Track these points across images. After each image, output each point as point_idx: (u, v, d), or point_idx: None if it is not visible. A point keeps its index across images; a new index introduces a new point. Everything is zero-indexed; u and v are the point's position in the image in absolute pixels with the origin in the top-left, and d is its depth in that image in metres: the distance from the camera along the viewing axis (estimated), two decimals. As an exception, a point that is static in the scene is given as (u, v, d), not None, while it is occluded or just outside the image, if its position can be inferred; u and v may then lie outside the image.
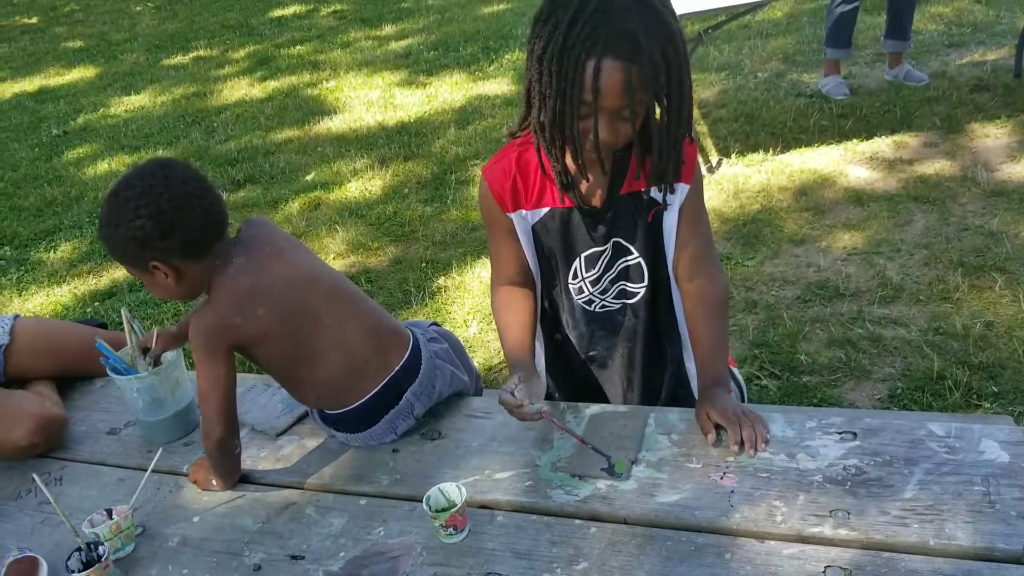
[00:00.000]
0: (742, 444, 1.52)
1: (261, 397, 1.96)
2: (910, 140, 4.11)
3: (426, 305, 3.55)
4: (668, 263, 1.69)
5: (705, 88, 5.11)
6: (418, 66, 6.44)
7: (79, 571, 1.50)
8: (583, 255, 1.67)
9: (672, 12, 1.41)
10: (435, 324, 1.95)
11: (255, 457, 1.80)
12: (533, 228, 1.66)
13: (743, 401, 2.04)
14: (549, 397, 1.88)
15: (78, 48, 8.66)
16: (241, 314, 1.60)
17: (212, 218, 1.59)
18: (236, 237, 1.67)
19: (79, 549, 1.53)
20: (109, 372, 1.85)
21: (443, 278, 3.71)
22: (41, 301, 4.09)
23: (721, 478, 1.49)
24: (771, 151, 4.21)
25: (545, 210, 1.64)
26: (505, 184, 1.62)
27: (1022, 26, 4.60)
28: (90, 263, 4.37)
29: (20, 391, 2.01)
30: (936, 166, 3.85)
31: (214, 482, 1.72)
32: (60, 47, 8.89)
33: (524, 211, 1.65)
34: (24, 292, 4.20)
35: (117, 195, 1.55)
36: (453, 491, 1.50)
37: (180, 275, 1.59)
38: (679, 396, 1.81)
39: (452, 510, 1.46)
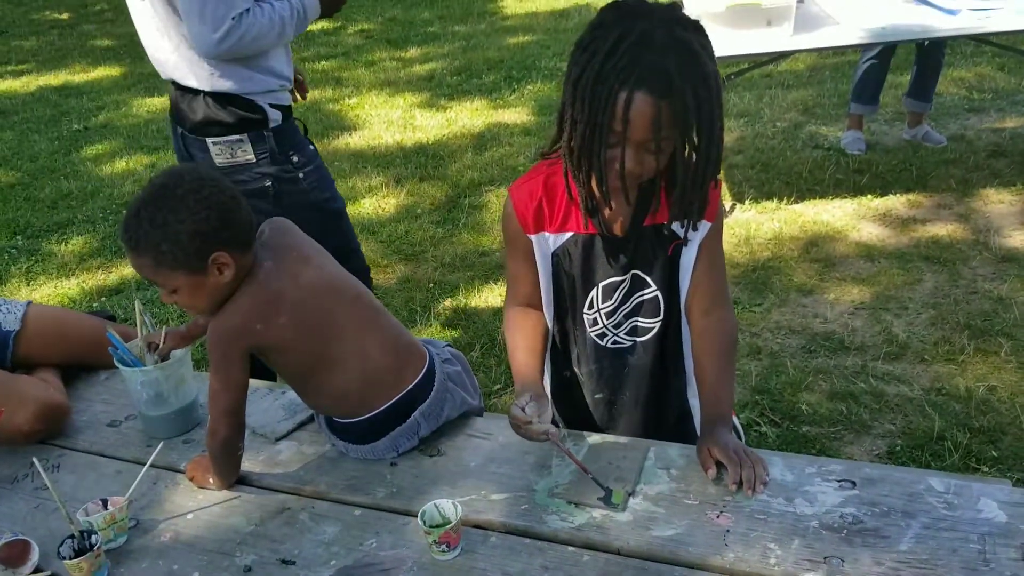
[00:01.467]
0: (740, 484, 1.52)
1: (264, 401, 1.96)
2: (924, 200, 4.14)
3: (431, 326, 3.56)
4: (682, 299, 1.70)
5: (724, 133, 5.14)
6: (440, 90, 6.50)
7: (70, 558, 1.50)
8: (601, 284, 1.68)
9: (711, 55, 1.44)
10: (449, 345, 1.95)
11: (253, 460, 1.79)
12: (555, 253, 1.68)
13: (741, 444, 2.04)
14: None
15: (105, 47, 8.75)
16: (263, 320, 1.60)
17: (251, 215, 1.61)
18: (260, 239, 1.68)
19: (72, 536, 1.53)
20: (116, 363, 1.85)
21: (450, 300, 3.73)
22: (49, 292, 4.11)
23: (717, 516, 1.48)
24: (785, 200, 4.24)
25: (568, 235, 1.65)
26: (530, 205, 1.64)
27: (1042, 96, 4.65)
28: (100, 258, 4.39)
29: (24, 376, 2.01)
30: (948, 228, 3.87)
31: (211, 481, 1.72)
32: (88, 44, 8.98)
33: (547, 234, 1.66)
34: (32, 282, 4.22)
35: (170, 192, 1.52)
36: (448, 508, 1.50)
37: (238, 267, 1.58)
38: (681, 431, 1.81)
39: (446, 527, 1.46)
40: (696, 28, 1.43)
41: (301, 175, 2.47)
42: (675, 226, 1.62)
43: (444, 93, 6.41)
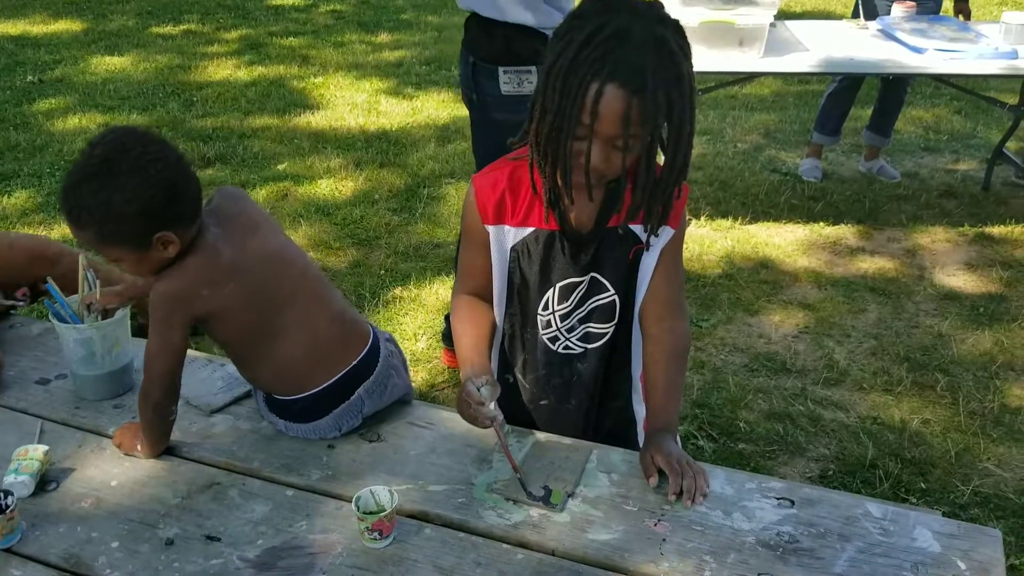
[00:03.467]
0: (680, 494, 1.51)
1: (202, 371, 1.91)
2: (874, 232, 4.20)
3: (378, 313, 3.51)
4: (636, 304, 1.69)
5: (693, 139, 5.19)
6: (408, 78, 6.44)
7: (-17, 518, 1.44)
8: (559, 284, 1.65)
9: (688, 56, 1.42)
10: (388, 336, 1.92)
11: (185, 431, 1.74)
12: (514, 248, 1.65)
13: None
14: None
15: (69, 0, 8.50)
16: (210, 286, 1.56)
17: (198, 184, 1.57)
18: (208, 206, 1.64)
19: (-13, 495, 1.47)
20: (51, 317, 1.79)
21: (400, 289, 3.68)
22: (-16, 244, 3.97)
23: (655, 524, 1.48)
24: (739, 220, 4.27)
25: (530, 230, 1.62)
26: (492, 196, 1.61)
27: (997, 142, 4.76)
28: (43, 214, 4.26)
29: None
30: (896, 261, 3.94)
31: (139, 448, 1.66)
32: (50, -5, 8.74)
33: (507, 227, 1.63)
34: (-32, 231, 4.07)
35: (115, 168, 1.47)
36: (384, 495, 1.46)
37: (183, 240, 1.54)
38: (624, 437, 1.79)
39: (381, 514, 1.43)
40: (676, 28, 1.42)
41: None
42: (638, 230, 1.61)
43: (411, 82, 6.35)
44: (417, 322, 3.44)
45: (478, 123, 2.85)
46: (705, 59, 3.85)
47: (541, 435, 1.70)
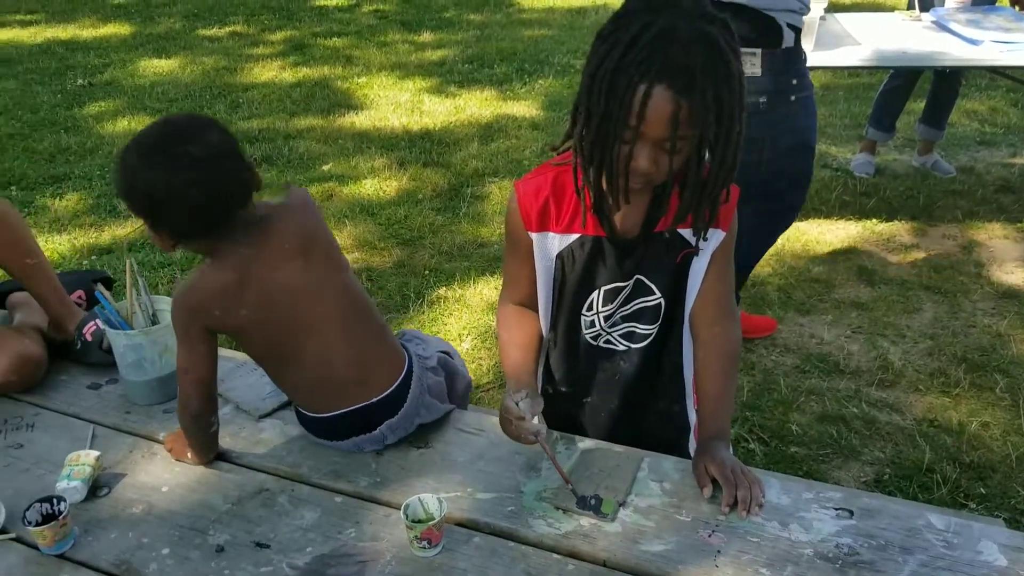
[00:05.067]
0: (735, 504, 1.47)
1: (250, 376, 1.91)
2: (929, 229, 4.10)
3: (423, 313, 3.50)
4: (686, 308, 1.65)
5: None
6: (451, 77, 6.43)
7: (36, 524, 1.45)
8: (603, 288, 1.63)
9: (737, 54, 1.38)
10: (445, 351, 1.90)
11: (235, 436, 1.74)
12: (559, 255, 1.62)
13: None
14: None
15: (117, 4, 8.65)
16: (223, 308, 1.54)
17: (229, 202, 1.53)
18: (269, 208, 1.60)
19: (41, 501, 1.48)
20: (101, 323, 1.80)
21: (444, 288, 3.67)
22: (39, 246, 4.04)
23: (709, 535, 1.44)
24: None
25: (575, 236, 1.60)
26: (535, 202, 1.58)
27: (1055, 135, 4.62)
28: (94, 216, 4.32)
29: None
30: (951, 259, 3.84)
31: (189, 455, 1.66)
32: (99, 0, 8.88)
33: (552, 233, 1.60)
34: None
35: (148, 151, 1.48)
36: (433, 504, 1.45)
37: (200, 247, 1.55)
38: (679, 445, 1.76)
39: (429, 523, 1.41)
40: (723, 25, 1.37)
41: (793, 98, 2.56)
42: (686, 234, 1.57)
43: (454, 80, 6.34)
44: (462, 322, 3.43)
45: None
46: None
47: (590, 442, 1.67)
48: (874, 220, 4.17)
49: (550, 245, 1.61)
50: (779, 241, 3.98)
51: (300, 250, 1.59)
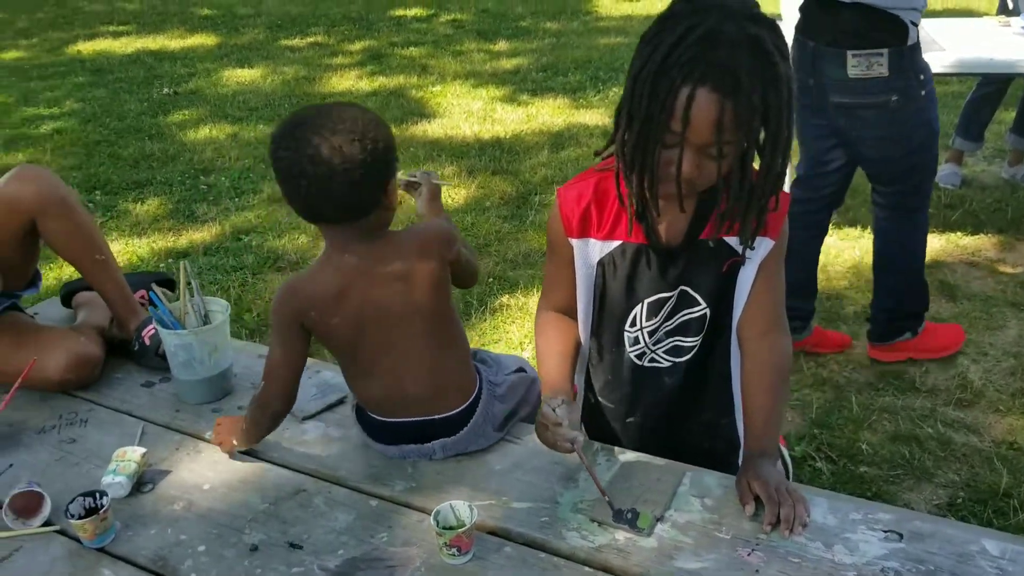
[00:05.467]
0: (778, 523, 1.41)
1: (297, 378, 1.92)
2: (1017, 243, 3.91)
3: (485, 321, 3.50)
4: (733, 319, 1.60)
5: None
6: (524, 85, 6.44)
7: (78, 518, 1.48)
8: (647, 300, 1.58)
9: (785, 56, 1.33)
10: (522, 368, 1.87)
11: (278, 435, 1.75)
12: (600, 262, 1.58)
13: (788, 480, 1.92)
14: None
15: (204, 16, 8.94)
16: (319, 311, 1.55)
17: (340, 203, 1.49)
18: (389, 231, 1.59)
19: (84, 495, 1.51)
20: (155, 323, 1.84)
21: (508, 296, 3.66)
22: (119, 249, 4.17)
23: (748, 554, 1.38)
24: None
25: (616, 243, 1.56)
26: (576, 208, 1.55)
27: None
28: (172, 221, 4.45)
29: (58, 327, 2.02)
30: (1040, 275, 3.65)
31: (234, 441, 1.68)
32: (188, 11, 9.20)
33: (593, 240, 1.57)
34: (106, 237, 4.29)
35: (289, 130, 1.48)
36: (464, 511, 1.43)
37: (324, 236, 1.58)
38: (726, 460, 1.70)
39: (459, 530, 1.39)
40: (771, 26, 1.32)
41: (923, 92, 2.65)
42: (733, 242, 1.52)
43: (527, 88, 6.35)
44: (523, 331, 3.40)
45: (810, 107, 2.84)
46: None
47: (631, 454, 1.63)
48: (959, 233, 4.00)
49: (591, 251, 1.58)
50: (857, 253, 3.86)
51: (404, 275, 1.56)
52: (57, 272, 3.78)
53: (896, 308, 3.10)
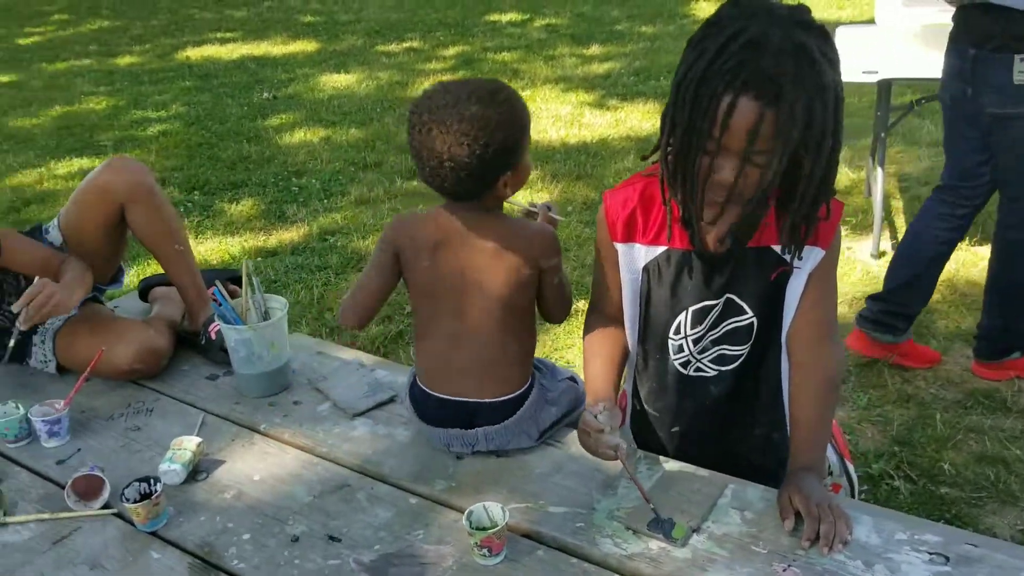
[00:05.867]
0: (817, 539, 1.37)
1: (351, 376, 1.97)
2: None
3: (559, 326, 3.49)
4: (783, 329, 1.56)
5: (910, 162, 4.79)
6: (614, 89, 6.40)
7: (133, 502, 1.54)
8: (691, 308, 1.56)
9: (833, 64, 1.29)
10: (572, 378, 1.88)
11: (328, 432, 1.80)
12: (645, 268, 1.57)
13: (852, 498, 1.86)
14: None
15: (307, 23, 9.22)
16: (416, 242, 1.62)
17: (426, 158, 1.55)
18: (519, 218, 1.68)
19: (140, 480, 1.57)
20: (216, 318, 1.91)
21: (583, 302, 3.63)
22: (213, 247, 4.35)
23: (784, 570, 1.34)
24: (967, 240, 3.87)
25: (661, 249, 1.54)
26: (622, 212, 1.54)
27: None
28: (263, 221, 4.60)
29: (131, 319, 2.12)
30: None
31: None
32: (292, 19, 9.50)
33: (638, 245, 1.56)
34: (200, 236, 4.47)
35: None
36: (497, 512, 1.43)
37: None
38: (776, 475, 1.65)
39: (490, 531, 1.40)
40: (820, 33, 1.29)
41: None
42: (781, 251, 1.48)
43: (617, 93, 6.31)
44: (596, 336, 3.38)
45: (964, 119, 2.81)
46: (927, 65, 3.53)
47: (674, 464, 1.60)
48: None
49: (636, 257, 1.57)
50: (952, 265, 3.69)
51: (494, 255, 1.61)
52: (139, 271, 3.95)
53: (1008, 326, 2.98)
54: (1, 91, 7.43)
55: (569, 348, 3.35)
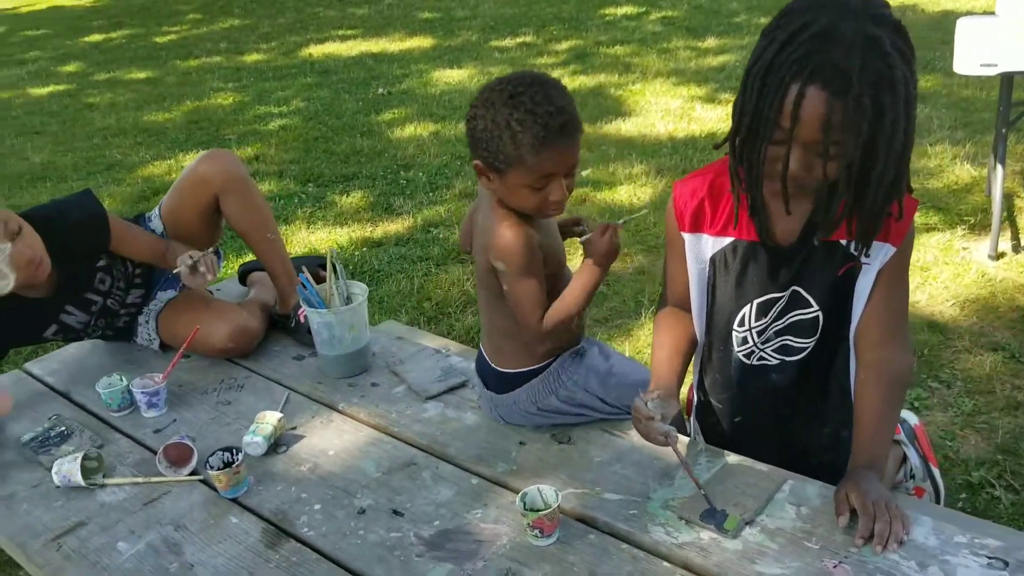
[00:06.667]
0: (871, 538, 1.34)
1: (427, 361, 2.04)
2: None
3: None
4: (851, 325, 1.53)
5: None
6: (728, 82, 6.29)
7: (217, 469, 1.65)
8: (756, 301, 1.55)
9: (906, 58, 1.27)
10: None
11: (401, 413, 1.87)
12: (712, 258, 1.57)
13: (938, 503, 1.81)
14: None
15: (424, 19, 9.41)
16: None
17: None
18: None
19: (223, 450, 1.68)
20: (302, 302, 2.01)
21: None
22: (322, 237, 4.52)
23: (834, 567, 1.32)
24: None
25: (728, 240, 1.54)
26: (690, 202, 1.55)
27: None
28: (371, 213, 4.75)
29: (227, 302, 2.25)
30: None
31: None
32: (410, 15, 9.72)
33: (706, 235, 1.56)
34: (311, 226, 4.65)
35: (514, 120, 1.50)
36: (550, 494, 1.47)
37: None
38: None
39: (542, 512, 1.44)
40: (895, 28, 1.27)
41: None
42: (850, 246, 1.46)
43: (731, 87, 6.19)
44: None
45: None
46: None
47: (735, 457, 1.60)
48: None
49: (703, 247, 1.57)
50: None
51: (480, 234, 1.68)
52: (238, 260, 4.15)
53: None
54: (138, 87, 7.91)
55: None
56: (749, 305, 1.56)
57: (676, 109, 5.86)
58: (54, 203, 2.07)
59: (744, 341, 1.59)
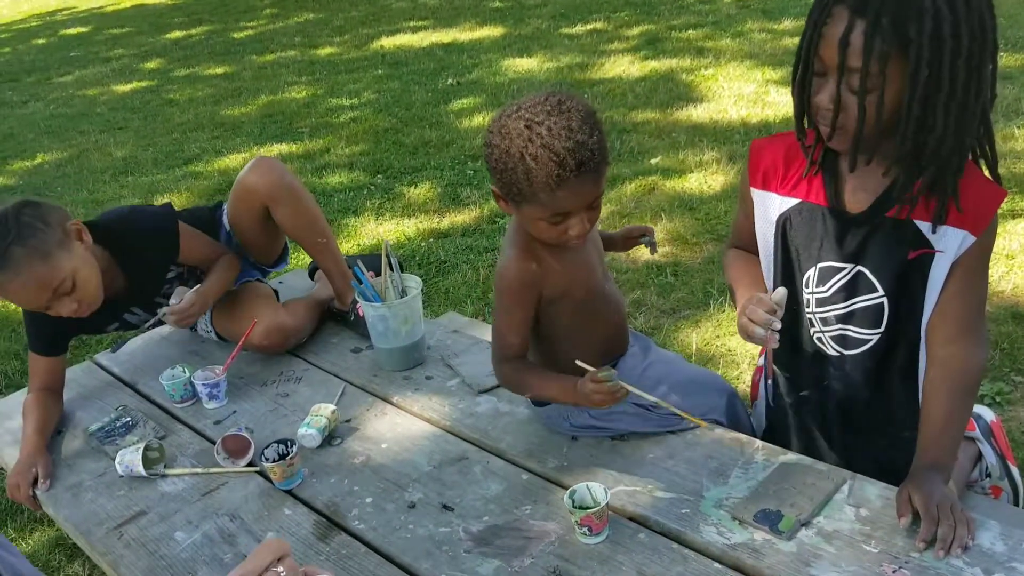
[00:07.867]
0: (933, 542, 1.28)
1: (482, 354, 2.02)
2: None
3: (722, 311, 3.41)
4: (924, 318, 1.46)
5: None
6: (803, 66, 6.11)
7: (272, 461, 1.67)
8: (819, 265, 1.50)
9: (953, 5, 1.22)
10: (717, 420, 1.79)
11: (454, 407, 1.87)
12: (780, 217, 1.53)
13: (1016, 504, 1.72)
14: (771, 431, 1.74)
15: (495, 8, 9.39)
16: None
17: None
18: None
19: (278, 442, 1.70)
20: (357, 295, 2.02)
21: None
22: (391, 228, 4.56)
23: (894, 572, 1.27)
24: None
25: (795, 201, 1.51)
26: (763, 160, 1.54)
27: None
28: (439, 204, 4.76)
29: (269, 300, 2.27)
30: None
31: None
32: (481, 4, 9.71)
33: (774, 194, 1.53)
34: (380, 217, 4.70)
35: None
36: (599, 493, 1.44)
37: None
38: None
39: (590, 510, 1.41)
40: None
41: None
42: (924, 228, 1.39)
43: (806, 70, 6.02)
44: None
45: None
46: None
47: (792, 455, 1.55)
48: None
49: (771, 206, 1.55)
50: None
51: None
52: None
53: None
54: (216, 82, 8.09)
55: (732, 335, 3.27)
56: (813, 268, 1.52)
57: (750, 94, 5.72)
58: (132, 212, 2.16)
59: (806, 303, 1.56)
